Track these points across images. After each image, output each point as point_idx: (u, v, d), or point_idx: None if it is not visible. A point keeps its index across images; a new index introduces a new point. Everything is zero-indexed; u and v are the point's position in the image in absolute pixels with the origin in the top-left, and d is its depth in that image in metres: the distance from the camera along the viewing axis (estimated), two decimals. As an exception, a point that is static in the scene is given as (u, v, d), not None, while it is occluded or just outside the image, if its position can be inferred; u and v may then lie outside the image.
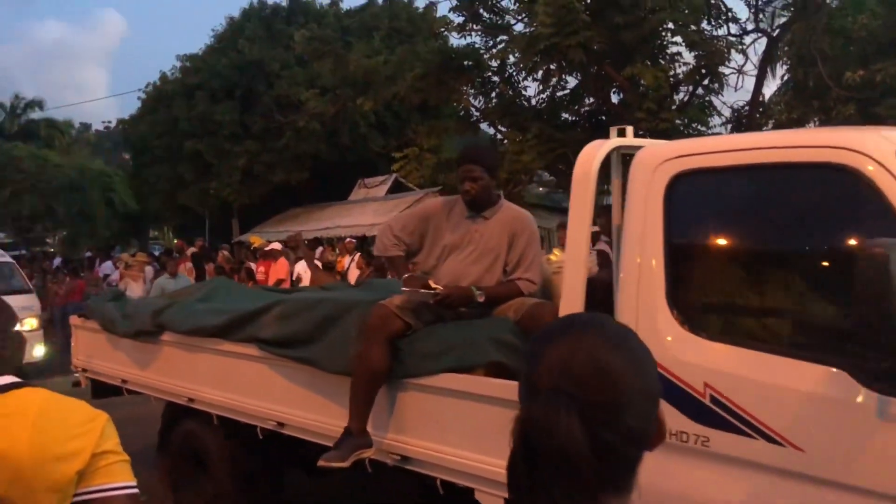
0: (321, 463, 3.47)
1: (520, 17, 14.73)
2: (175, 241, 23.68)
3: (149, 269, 14.88)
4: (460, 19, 14.94)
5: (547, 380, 0.98)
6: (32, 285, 14.13)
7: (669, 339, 2.75)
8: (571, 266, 3.19)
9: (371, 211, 19.17)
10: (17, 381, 1.76)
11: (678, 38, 13.42)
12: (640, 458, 1.03)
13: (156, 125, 24.05)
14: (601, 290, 3.41)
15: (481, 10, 15.06)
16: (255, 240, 16.42)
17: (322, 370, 3.90)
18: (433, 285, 3.62)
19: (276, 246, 13.72)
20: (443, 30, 15.56)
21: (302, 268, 11.92)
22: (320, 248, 15.67)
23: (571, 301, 3.09)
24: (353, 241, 14.66)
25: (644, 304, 2.85)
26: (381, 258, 11.30)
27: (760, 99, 14.52)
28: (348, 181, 22.04)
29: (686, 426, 2.65)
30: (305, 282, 11.25)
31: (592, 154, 3.20)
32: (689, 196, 2.94)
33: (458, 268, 3.76)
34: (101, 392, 6.09)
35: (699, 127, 16.00)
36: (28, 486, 1.63)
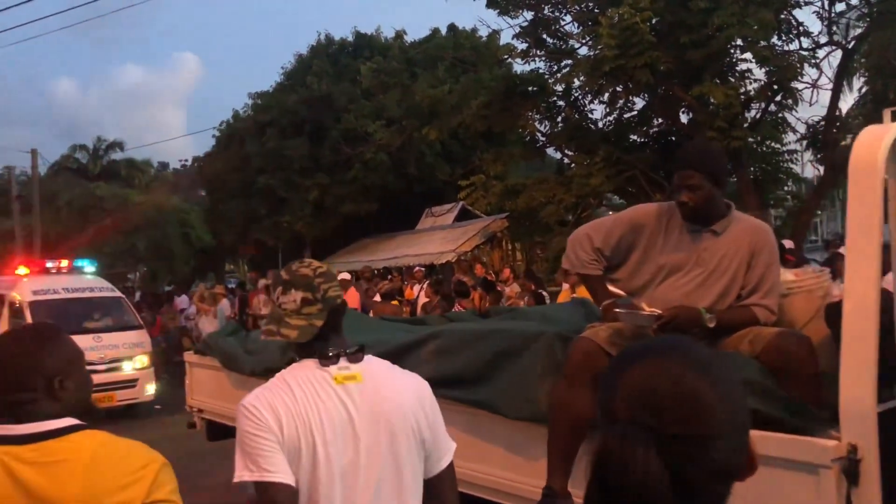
0: None
1: (584, 41, 14.69)
2: (248, 274, 24.24)
3: (225, 303, 15.21)
4: (524, 46, 15.00)
5: (624, 410, 0.92)
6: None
7: None
8: (858, 292, 2.43)
9: (439, 239, 19.26)
10: (74, 424, 1.75)
11: (748, 55, 13.14)
12: (728, 494, 0.95)
13: (229, 162, 24.78)
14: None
15: (545, 36, 15.09)
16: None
17: (499, 415, 3.32)
18: (647, 308, 3.03)
19: (346, 276, 13.88)
20: (506, 57, 15.63)
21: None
22: (390, 277, 15.79)
23: (859, 335, 2.40)
24: (422, 270, 14.72)
25: None
26: (448, 289, 11.25)
27: (837, 113, 14.06)
28: (416, 210, 22.23)
29: None
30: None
31: (876, 140, 2.52)
32: None
33: (682, 293, 3.09)
34: (217, 434, 5.70)
35: (773, 144, 15.61)
36: None
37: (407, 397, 2.08)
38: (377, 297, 12.35)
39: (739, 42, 12.88)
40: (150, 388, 11.44)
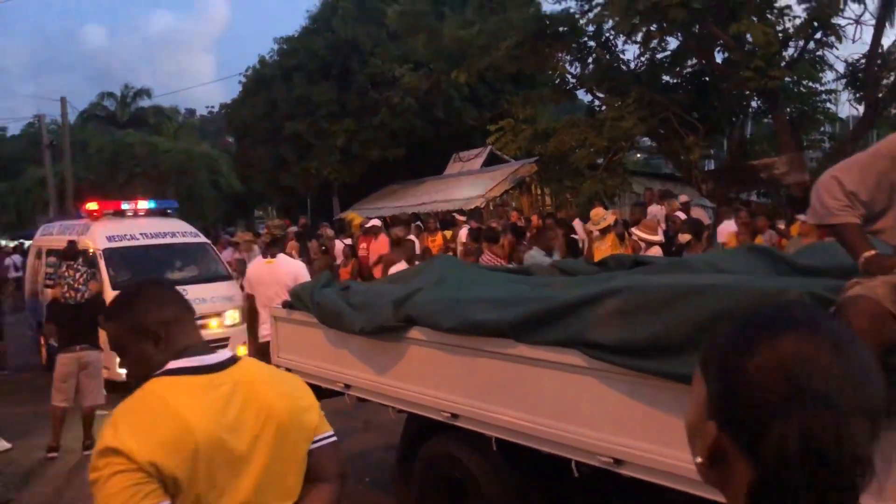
0: None
1: (617, -21, 14.27)
2: (280, 221, 24.38)
3: (256, 249, 15.30)
4: (555, -15, 14.63)
5: (816, 385, 0.87)
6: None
7: None
8: None
9: (467, 184, 19.14)
10: (233, 354, 1.92)
11: (787, -10, 12.71)
12: None
13: (256, 108, 24.71)
14: None
15: (576, -26, 14.69)
16: (353, 217, 16.63)
17: None
18: None
19: (376, 223, 13.88)
20: (537, -4, 15.27)
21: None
22: (416, 224, 15.74)
23: None
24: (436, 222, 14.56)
25: None
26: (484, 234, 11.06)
27: (879, 50, 13.59)
28: (443, 155, 22.08)
29: None
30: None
31: None
32: None
33: None
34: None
35: (810, 84, 15.19)
36: (291, 438, 1.86)
37: None
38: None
39: (780, -23, 12.45)
40: (244, 349, 9.13)
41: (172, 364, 1.81)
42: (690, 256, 5.63)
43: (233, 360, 1.88)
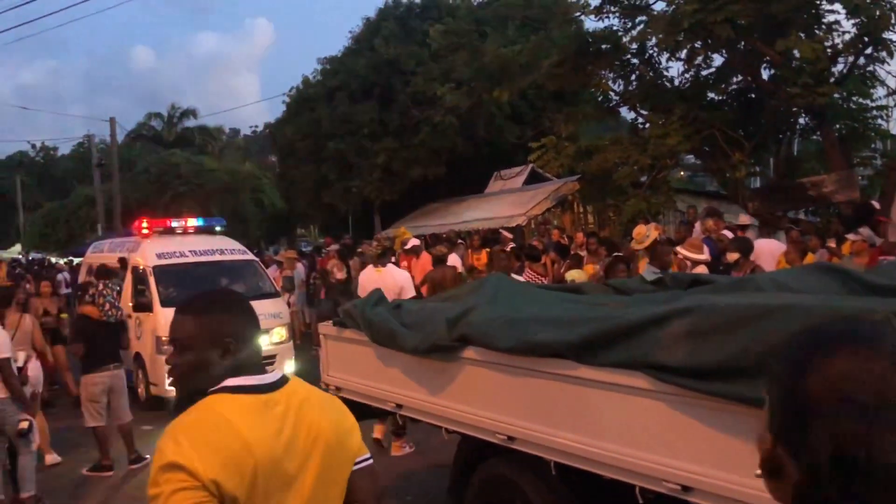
0: None
1: (660, -4, 14.20)
2: (322, 240, 24.64)
3: (300, 267, 15.45)
4: (597, 2, 14.58)
5: (862, 397, 0.88)
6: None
7: None
8: None
9: (508, 203, 19.07)
10: (283, 374, 1.93)
11: (836, 6, 12.47)
12: None
13: (300, 127, 25.01)
14: None
15: (619, -9, 14.63)
16: (403, 231, 16.54)
17: None
18: None
19: (416, 241, 13.88)
20: (579, 14, 15.22)
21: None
22: (460, 241, 15.73)
23: None
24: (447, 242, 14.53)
25: None
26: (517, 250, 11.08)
27: (933, 65, 13.26)
28: (484, 174, 22.06)
29: None
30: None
31: None
32: None
33: None
34: (357, 415, 5.03)
35: (860, 100, 14.88)
36: (336, 459, 1.87)
37: None
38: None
39: (828, -8, 12.24)
40: (290, 366, 9.98)
41: (230, 381, 1.80)
42: (755, 275, 5.46)
43: (284, 381, 1.88)
